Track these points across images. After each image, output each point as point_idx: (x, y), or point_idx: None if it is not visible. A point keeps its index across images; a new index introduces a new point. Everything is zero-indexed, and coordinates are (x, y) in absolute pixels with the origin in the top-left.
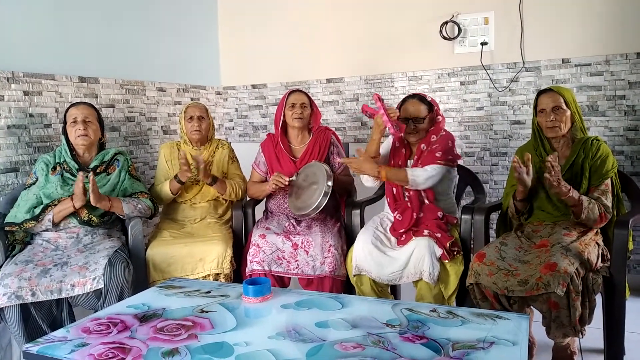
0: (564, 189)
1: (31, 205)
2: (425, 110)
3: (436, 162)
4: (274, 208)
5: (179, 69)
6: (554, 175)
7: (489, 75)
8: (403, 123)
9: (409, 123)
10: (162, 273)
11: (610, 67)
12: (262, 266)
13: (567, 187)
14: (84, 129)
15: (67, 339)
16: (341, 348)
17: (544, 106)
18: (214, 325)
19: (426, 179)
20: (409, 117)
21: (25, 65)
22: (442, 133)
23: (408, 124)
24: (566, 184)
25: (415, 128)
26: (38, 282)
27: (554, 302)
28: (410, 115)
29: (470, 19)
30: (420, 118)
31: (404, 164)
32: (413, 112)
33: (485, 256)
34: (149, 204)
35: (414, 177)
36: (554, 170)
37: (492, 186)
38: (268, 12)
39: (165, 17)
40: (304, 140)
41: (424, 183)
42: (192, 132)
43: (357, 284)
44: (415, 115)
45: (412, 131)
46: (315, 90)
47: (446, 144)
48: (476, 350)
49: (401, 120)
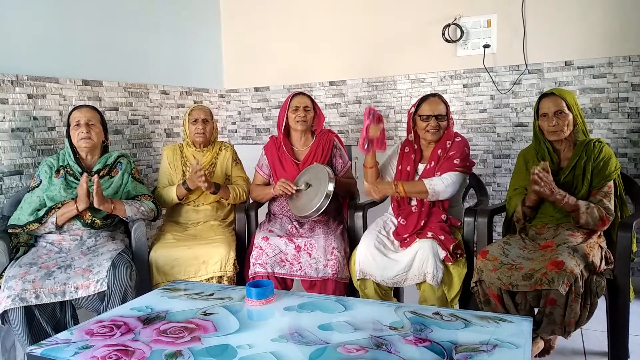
0: (559, 197)
1: (34, 208)
2: (445, 109)
3: (454, 170)
4: (277, 210)
5: (182, 72)
6: (544, 186)
7: (492, 78)
8: (424, 121)
9: (430, 119)
10: (165, 275)
11: (613, 69)
12: (265, 268)
13: (561, 194)
14: (86, 132)
15: (71, 341)
16: (344, 351)
17: (545, 110)
18: (217, 327)
19: (446, 186)
20: (431, 114)
21: (29, 69)
22: (458, 139)
23: (429, 120)
24: (560, 192)
25: (438, 125)
26: (42, 284)
27: (551, 299)
28: (432, 112)
29: (472, 22)
30: (442, 115)
31: (413, 169)
32: (435, 109)
33: (488, 252)
34: (152, 206)
35: (433, 187)
36: (542, 182)
37: (495, 188)
38: (271, 15)
39: (168, 20)
40: (307, 142)
41: (444, 191)
42: (196, 134)
43: (360, 288)
44: (437, 113)
45: (434, 128)
46: (318, 93)
47: (463, 151)
48: (479, 353)
49: (422, 118)
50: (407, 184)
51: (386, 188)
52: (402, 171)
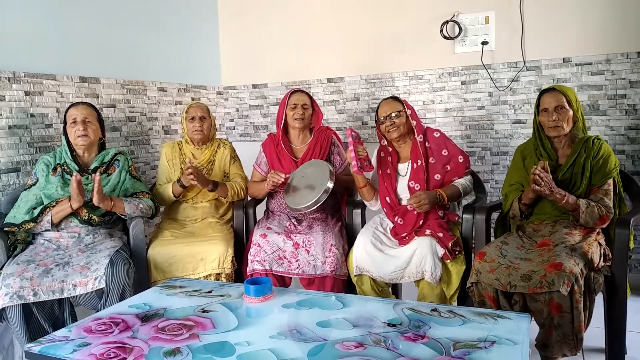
0: (559, 196)
1: (31, 206)
2: (399, 106)
3: (466, 167)
4: (275, 208)
5: (179, 69)
6: (544, 185)
7: (490, 75)
8: (382, 123)
9: (386, 120)
10: (164, 273)
11: (611, 66)
12: (263, 266)
13: (561, 193)
14: (83, 130)
15: (69, 339)
16: (342, 347)
17: (546, 105)
18: (216, 325)
19: (470, 182)
20: (385, 115)
21: (26, 66)
22: (437, 134)
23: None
24: (560, 191)
25: (394, 123)
26: (40, 282)
27: (556, 304)
28: (385, 113)
29: (470, 19)
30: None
31: (394, 170)
32: (387, 109)
33: (485, 254)
34: (150, 203)
35: (464, 189)
36: (543, 181)
37: (493, 185)
38: (269, 12)
39: (166, 17)
40: (305, 140)
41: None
42: (194, 132)
43: (358, 284)
44: (390, 112)
45: (391, 126)
46: (316, 90)
47: (453, 144)
48: (477, 350)
49: (380, 121)
50: (447, 189)
51: (432, 197)
52: (384, 174)
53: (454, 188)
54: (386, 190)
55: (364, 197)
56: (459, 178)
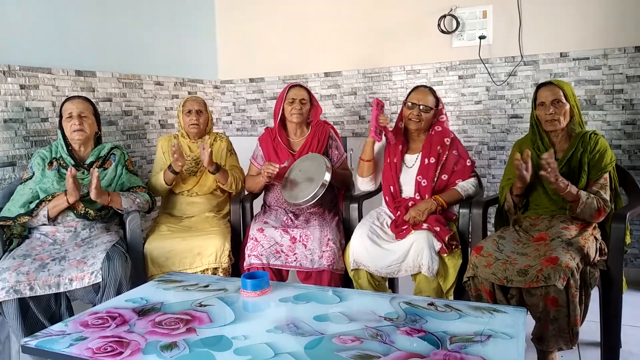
0: (562, 185)
1: (26, 200)
2: (433, 101)
3: (471, 171)
4: (272, 202)
5: (176, 63)
6: (550, 172)
7: (487, 69)
8: (409, 109)
9: (415, 108)
10: (160, 267)
11: (608, 61)
12: (260, 260)
13: (564, 182)
14: (79, 124)
15: (66, 333)
16: (339, 341)
17: (543, 99)
18: (213, 319)
19: (474, 185)
20: (416, 103)
21: (21, 59)
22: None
23: (413, 109)
24: (564, 180)
25: (420, 116)
26: (36, 276)
27: (552, 298)
28: (418, 101)
29: (468, 13)
30: (427, 107)
31: (400, 159)
32: (422, 99)
33: (482, 249)
34: (147, 198)
35: (466, 192)
36: (550, 168)
37: (490, 180)
38: (265, 6)
39: (162, 11)
40: (303, 134)
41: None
42: (190, 125)
43: (354, 278)
44: (423, 103)
45: (416, 117)
46: (313, 84)
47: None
48: (474, 344)
49: (408, 105)
50: (445, 195)
51: (429, 205)
52: (390, 163)
53: (454, 193)
54: (391, 179)
55: (361, 171)
56: (462, 181)
